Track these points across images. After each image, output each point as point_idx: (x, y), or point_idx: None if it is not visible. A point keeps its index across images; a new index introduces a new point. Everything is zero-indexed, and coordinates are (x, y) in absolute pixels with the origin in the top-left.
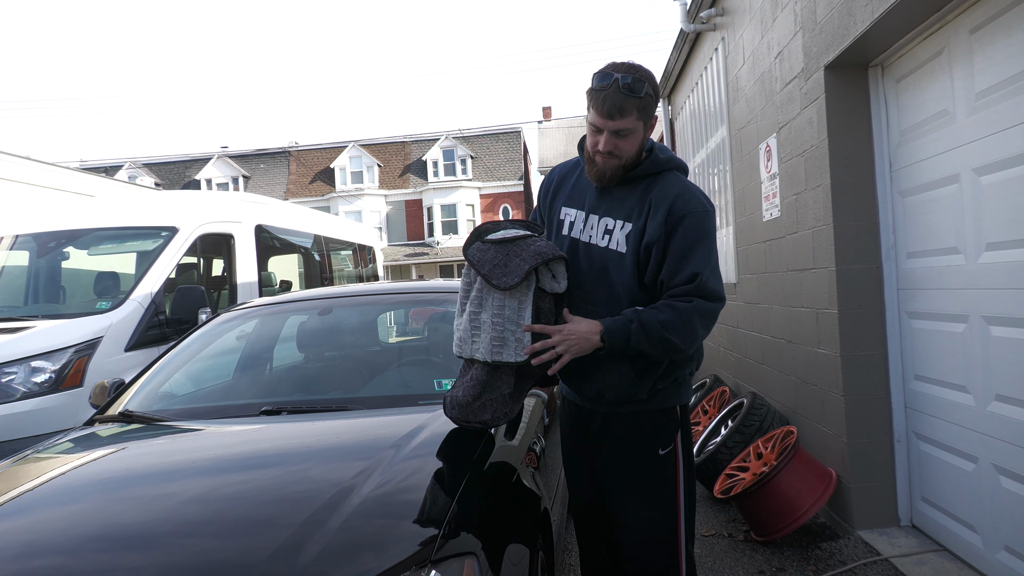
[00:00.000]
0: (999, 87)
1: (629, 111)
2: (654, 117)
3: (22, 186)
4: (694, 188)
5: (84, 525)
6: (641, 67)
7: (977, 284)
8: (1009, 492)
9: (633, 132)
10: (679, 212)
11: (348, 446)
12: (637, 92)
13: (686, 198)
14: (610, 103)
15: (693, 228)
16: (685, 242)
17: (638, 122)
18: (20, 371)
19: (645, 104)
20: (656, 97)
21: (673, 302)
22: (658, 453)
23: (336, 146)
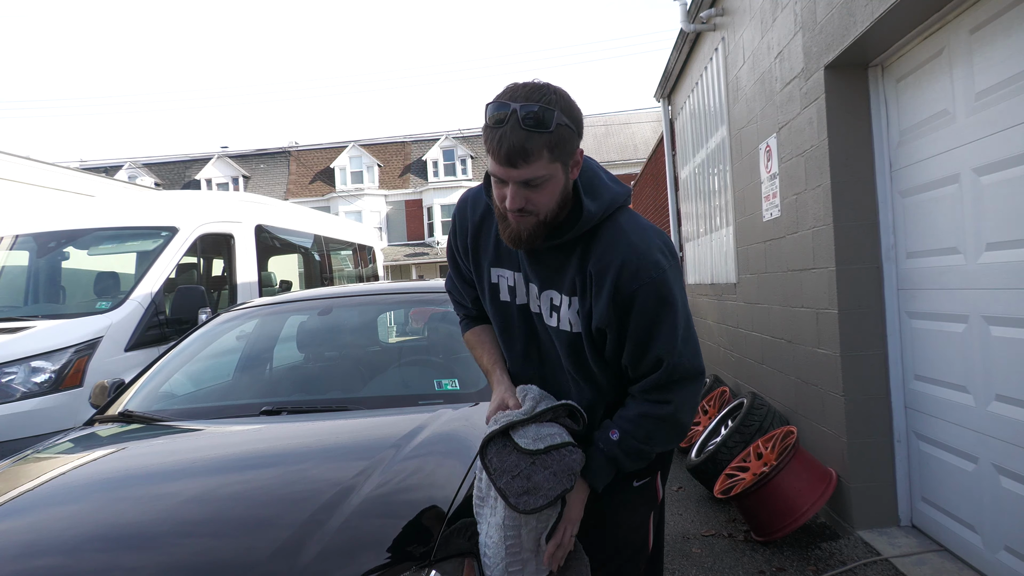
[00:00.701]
0: (999, 87)
1: (537, 153)
2: (577, 152)
3: (22, 186)
4: (641, 239)
5: (84, 525)
6: (549, 88)
7: (977, 284)
8: (1009, 492)
9: (548, 180)
10: (627, 289)
11: (348, 446)
12: (544, 125)
13: (633, 265)
14: (508, 145)
15: (648, 303)
16: (643, 322)
17: (553, 165)
18: (20, 371)
19: (559, 139)
20: (576, 124)
21: (647, 408)
22: (632, 485)
23: (336, 146)
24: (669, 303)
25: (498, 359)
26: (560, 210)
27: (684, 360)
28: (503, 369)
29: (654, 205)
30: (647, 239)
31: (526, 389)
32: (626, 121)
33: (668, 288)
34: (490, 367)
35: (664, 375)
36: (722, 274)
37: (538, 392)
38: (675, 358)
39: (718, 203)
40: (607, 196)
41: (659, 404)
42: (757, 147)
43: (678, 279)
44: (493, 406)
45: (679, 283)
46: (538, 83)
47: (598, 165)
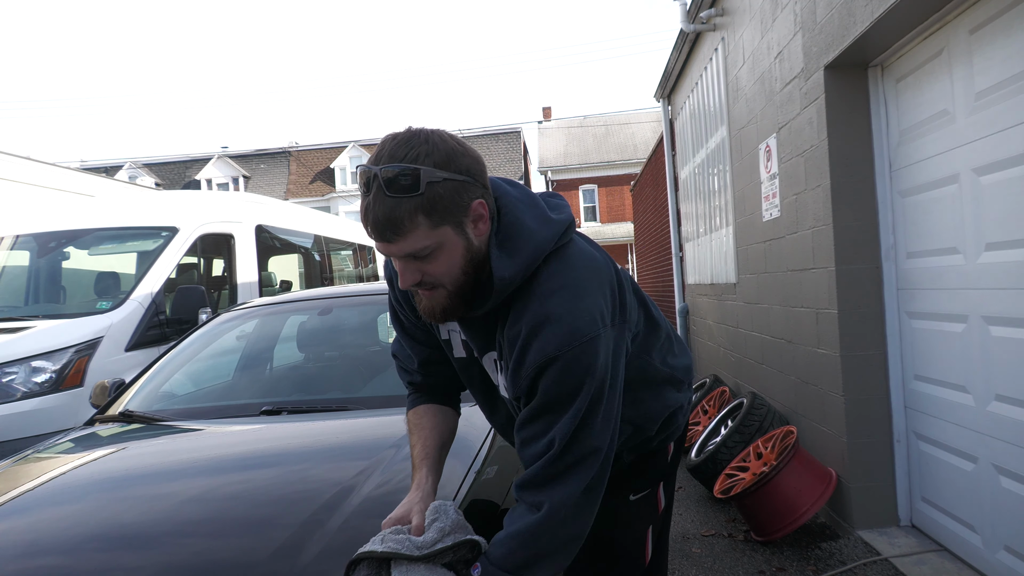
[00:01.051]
0: (999, 87)
1: (409, 222)
2: (474, 206)
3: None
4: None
5: (84, 525)
6: (419, 138)
7: (977, 284)
8: (1009, 492)
9: (438, 249)
10: (533, 364)
11: (348, 446)
12: (411, 188)
13: (544, 333)
14: (374, 218)
15: (553, 379)
16: (541, 400)
17: (438, 231)
18: (20, 371)
19: (435, 200)
20: (467, 172)
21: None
22: (628, 499)
23: (336, 146)
24: (580, 379)
25: (428, 455)
26: (473, 274)
27: (572, 449)
28: (429, 470)
29: (654, 205)
30: (569, 298)
31: (439, 511)
32: (626, 121)
33: (585, 362)
34: (417, 463)
35: (548, 463)
36: (722, 274)
37: (450, 521)
38: (563, 445)
39: (718, 203)
40: (528, 249)
41: (531, 508)
42: (757, 147)
43: (607, 350)
44: (394, 514)
45: (608, 355)
46: (407, 135)
47: (526, 198)
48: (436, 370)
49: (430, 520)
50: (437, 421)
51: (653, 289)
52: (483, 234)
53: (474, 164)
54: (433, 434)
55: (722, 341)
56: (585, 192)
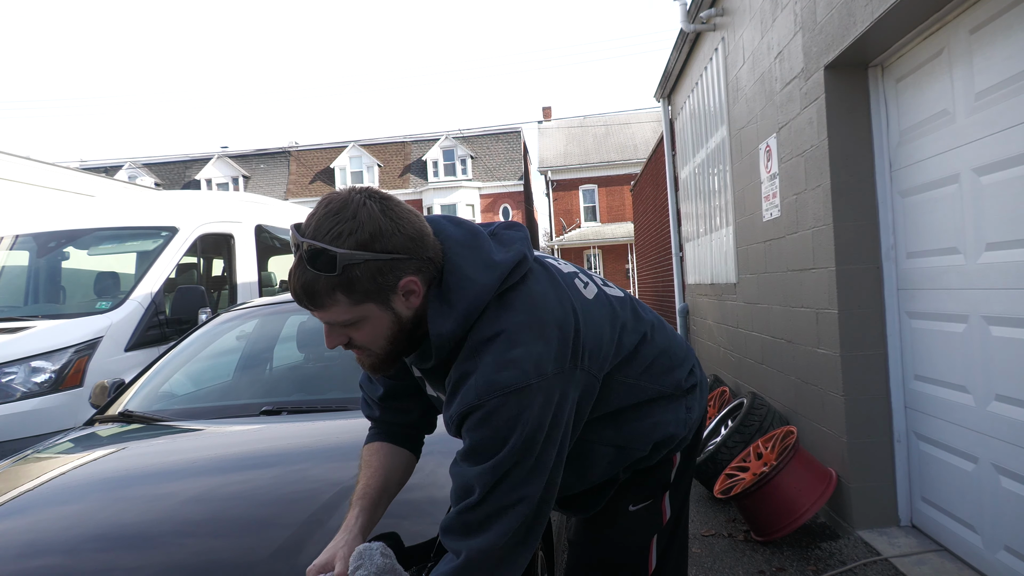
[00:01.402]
0: (999, 87)
1: (328, 296)
2: (404, 283)
3: (22, 186)
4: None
5: (84, 525)
6: (346, 213)
7: (977, 284)
8: (1009, 492)
9: (362, 321)
10: (456, 414)
11: (348, 446)
12: (328, 268)
13: (466, 384)
14: (294, 286)
15: (472, 429)
16: (468, 446)
17: (358, 307)
18: (20, 371)
19: (352, 281)
20: (397, 249)
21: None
22: (628, 510)
23: (336, 146)
24: (498, 433)
25: (366, 495)
26: (404, 341)
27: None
28: (362, 510)
29: (654, 205)
30: (496, 349)
31: (363, 556)
32: (626, 121)
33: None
34: (353, 502)
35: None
36: (722, 274)
37: (375, 567)
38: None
39: (718, 203)
40: (465, 302)
41: (453, 553)
42: (757, 147)
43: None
44: (318, 561)
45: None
46: (338, 205)
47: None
48: (398, 406)
49: (354, 567)
50: (387, 462)
51: (653, 289)
52: (415, 306)
53: (407, 241)
54: (378, 474)
55: (722, 341)
56: (585, 192)
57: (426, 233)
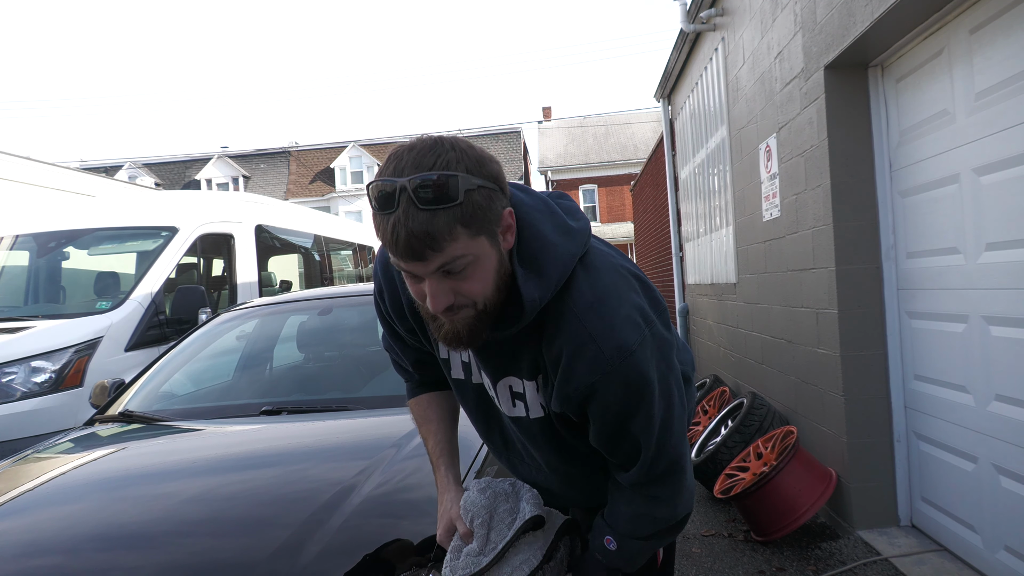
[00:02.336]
0: (999, 87)
1: (448, 234)
2: (505, 215)
3: (22, 186)
4: (598, 316)
5: (84, 525)
6: (443, 144)
7: (977, 284)
8: (1009, 492)
9: (474, 262)
10: (583, 381)
11: (348, 446)
12: (449, 198)
13: (590, 352)
14: (407, 234)
15: (612, 396)
16: (608, 416)
17: (475, 241)
18: (20, 371)
19: (474, 208)
20: (494, 179)
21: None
22: None
23: (336, 146)
24: (640, 390)
25: (442, 451)
26: (505, 291)
27: (665, 453)
28: (448, 467)
29: (654, 205)
30: (607, 311)
31: (467, 507)
32: (626, 121)
33: (637, 374)
34: (435, 459)
35: (644, 470)
36: (722, 274)
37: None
38: (653, 452)
39: (718, 203)
40: (556, 267)
41: (650, 500)
42: (757, 147)
43: (653, 357)
44: (441, 531)
45: (655, 361)
46: (430, 141)
47: (543, 207)
48: (432, 368)
49: (468, 518)
50: (442, 410)
51: None
52: (510, 246)
53: (499, 171)
54: (442, 426)
55: (722, 341)
56: (585, 192)
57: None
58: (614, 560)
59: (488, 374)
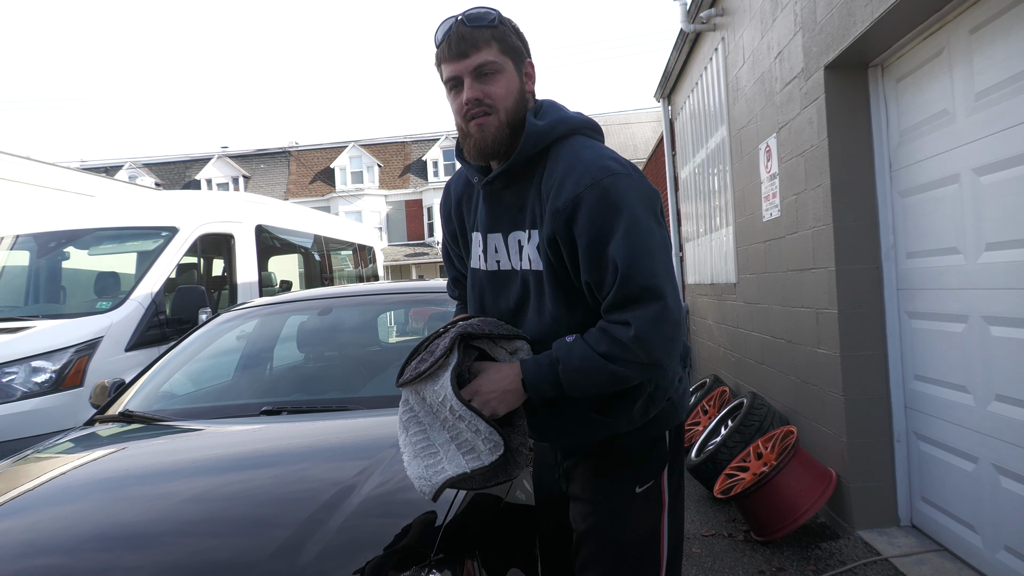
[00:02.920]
0: (999, 87)
1: (484, 41)
2: (527, 64)
3: (22, 186)
4: (590, 152)
5: (84, 525)
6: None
7: (977, 284)
8: (1009, 492)
9: (500, 71)
10: (571, 192)
11: (348, 446)
12: (485, 19)
13: (579, 170)
14: (456, 38)
15: (594, 207)
16: (591, 229)
17: (503, 57)
18: (20, 371)
19: (503, 34)
20: (517, 32)
21: (606, 327)
22: (634, 492)
23: (336, 146)
24: (618, 207)
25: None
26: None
27: (640, 275)
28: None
29: None
30: (597, 152)
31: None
32: (626, 121)
33: (619, 192)
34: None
35: (619, 290)
36: (722, 274)
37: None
38: (627, 269)
39: (718, 203)
40: (555, 116)
41: (618, 325)
42: (757, 147)
43: (636, 188)
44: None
45: (638, 192)
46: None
47: (562, 106)
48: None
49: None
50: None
51: None
52: (530, 89)
53: (527, 41)
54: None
55: (722, 341)
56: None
57: None
58: (562, 348)
59: (501, 232)
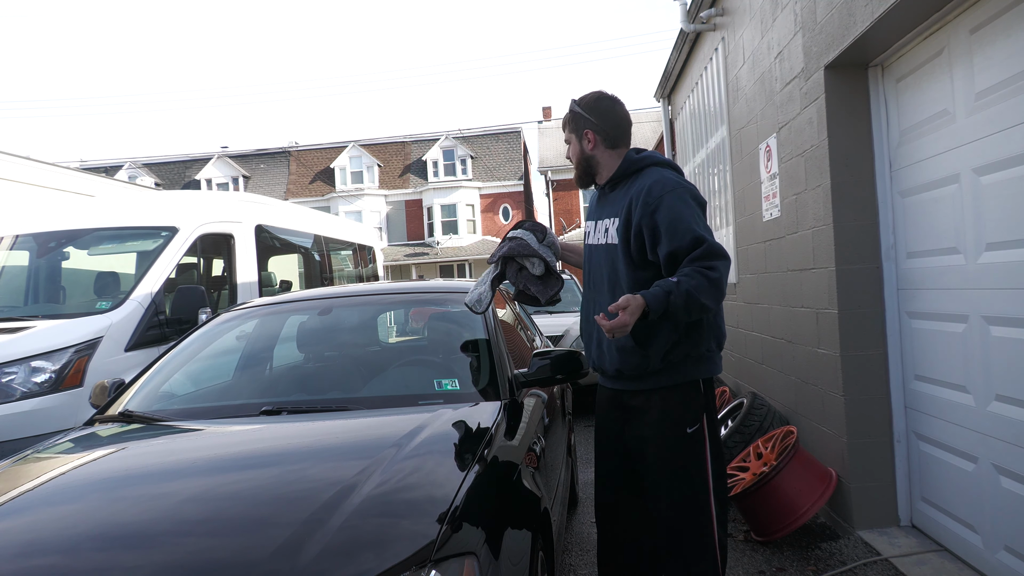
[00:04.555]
0: (999, 87)
1: (564, 125)
2: (587, 131)
3: (22, 186)
4: (669, 174)
5: (83, 524)
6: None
7: (977, 284)
8: (1009, 492)
9: (571, 140)
10: (656, 194)
11: (348, 446)
12: (570, 113)
13: (661, 183)
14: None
15: (675, 200)
16: (673, 213)
17: (571, 133)
18: (20, 371)
19: (573, 119)
20: (596, 113)
21: (698, 268)
22: (686, 432)
23: (336, 146)
24: (689, 203)
25: None
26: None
27: (714, 243)
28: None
29: None
30: (672, 175)
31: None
32: None
33: (686, 196)
34: None
35: (706, 250)
36: None
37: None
38: (711, 241)
39: (718, 203)
40: (648, 153)
41: (708, 269)
42: (757, 147)
43: (694, 198)
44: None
45: (695, 201)
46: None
47: (657, 154)
48: None
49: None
50: None
51: None
52: (590, 148)
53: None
54: None
55: None
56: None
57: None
58: (670, 284)
59: (606, 218)
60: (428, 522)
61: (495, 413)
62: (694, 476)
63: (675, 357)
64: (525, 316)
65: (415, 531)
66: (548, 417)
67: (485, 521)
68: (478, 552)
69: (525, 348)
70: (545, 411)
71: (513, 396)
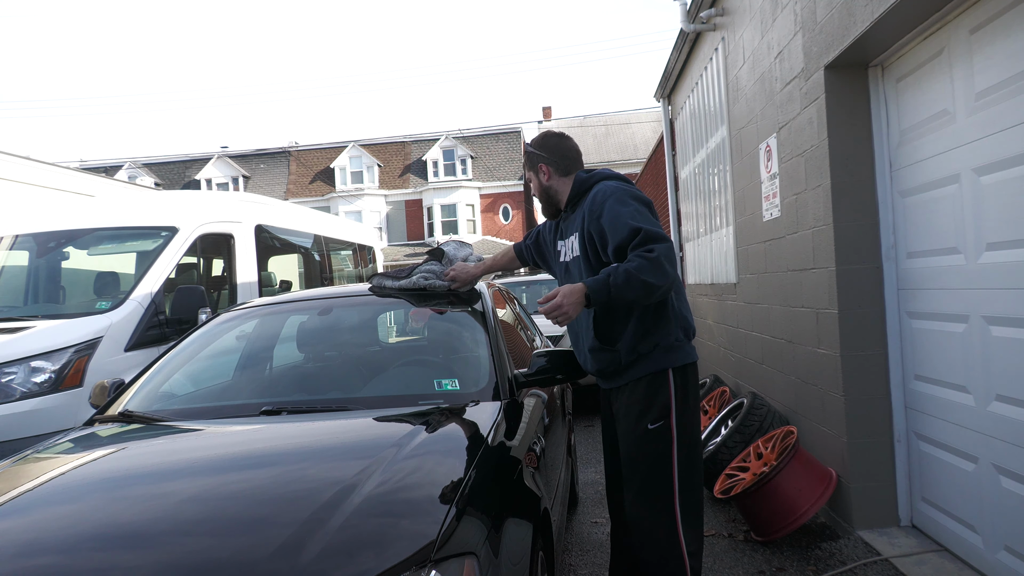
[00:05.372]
0: (999, 87)
1: (524, 166)
2: (541, 166)
3: (22, 186)
4: (611, 184)
5: (83, 524)
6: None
7: (977, 284)
8: (1009, 492)
9: (531, 178)
10: (599, 201)
11: (348, 445)
12: (525, 154)
13: (603, 192)
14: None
15: (615, 203)
16: (612, 214)
17: (529, 171)
18: (20, 371)
19: (528, 158)
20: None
21: (639, 253)
22: (647, 428)
23: (336, 146)
24: (628, 202)
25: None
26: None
27: (652, 229)
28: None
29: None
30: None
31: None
32: (626, 121)
33: (625, 195)
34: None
35: (644, 236)
36: (722, 274)
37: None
38: (647, 228)
39: (718, 203)
40: (591, 173)
41: (647, 252)
42: (757, 147)
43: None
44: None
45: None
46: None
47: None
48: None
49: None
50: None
51: None
52: (546, 180)
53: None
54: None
55: (722, 341)
56: None
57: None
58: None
59: (568, 234)
60: (428, 522)
61: (495, 413)
62: (657, 473)
63: (644, 348)
64: (525, 316)
65: (415, 531)
66: (548, 417)
67: (485, 521)
68: (478, 552)
69: (525, 348)
70: (545, 411)
71: (513, 396)
